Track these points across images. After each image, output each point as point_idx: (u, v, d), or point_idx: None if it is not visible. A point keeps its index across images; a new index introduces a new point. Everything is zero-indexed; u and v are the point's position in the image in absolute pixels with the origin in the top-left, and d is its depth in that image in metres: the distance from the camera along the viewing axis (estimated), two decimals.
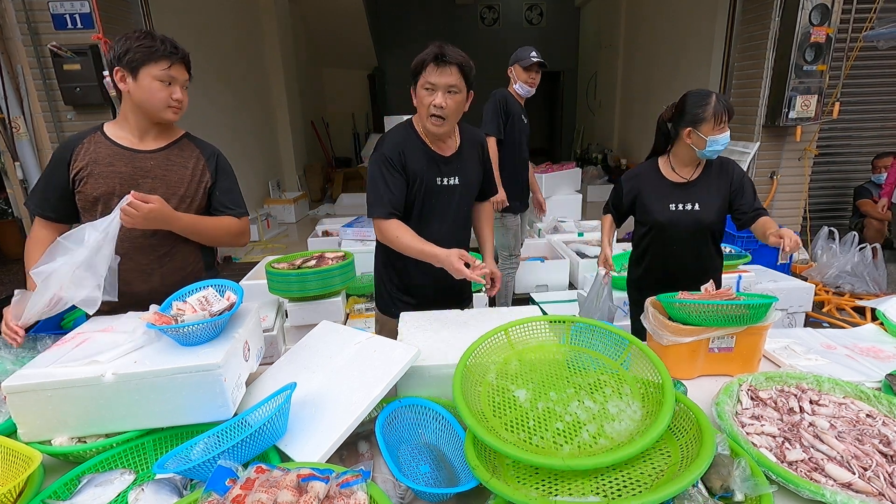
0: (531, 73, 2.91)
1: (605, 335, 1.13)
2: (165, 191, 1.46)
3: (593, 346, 1.13)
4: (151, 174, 1.46)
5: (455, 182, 1.61)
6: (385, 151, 1.54)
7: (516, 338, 1.18)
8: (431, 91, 1.45)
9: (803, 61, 3.99)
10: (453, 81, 1.43)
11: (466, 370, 1.04)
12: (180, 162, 1.51)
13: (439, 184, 1.59)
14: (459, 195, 1.63)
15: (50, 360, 1.06)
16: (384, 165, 1.53)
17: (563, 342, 1.17)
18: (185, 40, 1.65)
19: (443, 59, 1.41)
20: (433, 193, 1.59)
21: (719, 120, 1.62)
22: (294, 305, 2.61)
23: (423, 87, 1.46)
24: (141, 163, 1.45)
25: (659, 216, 1.79)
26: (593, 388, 1.02)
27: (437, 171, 1.58)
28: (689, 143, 1.72)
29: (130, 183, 1.43)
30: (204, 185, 1.53)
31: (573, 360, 1.12)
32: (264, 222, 5.95)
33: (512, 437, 0.90)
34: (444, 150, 1.59)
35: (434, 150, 1.57)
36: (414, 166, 1.54)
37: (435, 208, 1.61)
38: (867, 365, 1.34)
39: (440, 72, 1.42)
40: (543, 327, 1.20)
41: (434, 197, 1.59)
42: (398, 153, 1.53)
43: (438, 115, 1.47)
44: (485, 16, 11.17)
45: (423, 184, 1.56)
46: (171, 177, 1.48)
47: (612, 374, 1.06)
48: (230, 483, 0.77)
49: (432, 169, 1.57)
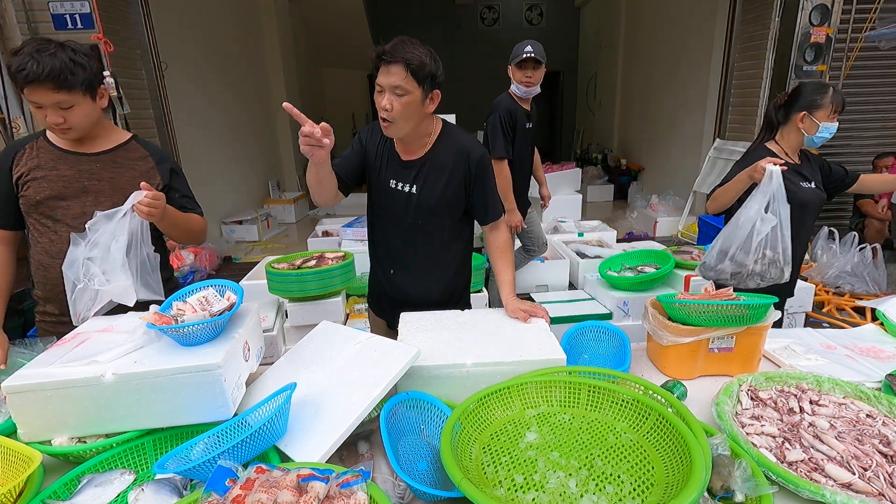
0: (526, 72, 2.63)
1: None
2: (113, 193, 1.45)
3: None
4: (97, 176, 1.44)
5: (410, 190, 1.49)
6: (361, 131, 1.56)
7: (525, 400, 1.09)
8: (380, 92, 1.33)
9: (803, 61, 4.00)
10: (397, 82, 1.29)
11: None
12: (127, 164, 1.49)
13: (392, 186, 1.51)
14: (416, 206, 1.50)
15: (50, 360, 1.06)
16: (356, 143, 1.54)
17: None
18: (185, 40, 1.65)
19: (384, 59, 1.29)
20: (384, 193, 1.53)
21: (834, 109, 1.74)
22: (294, 305, 2.61)
23: (376, 89, 1.35)
24: (86, 165, 1.44)
25: (796, 194, 1.77)
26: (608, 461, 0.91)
27: (394, 174, 1.50)
28: (800, 128, 1.79)
29: (76, 186, 1.42)
30: (155, 185, 1.51)
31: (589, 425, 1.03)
32: (264, 222, 5.95)
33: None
34: (406, 154, 1.49)
35: (396, 150, 1.50)
36: (373, 159, 1.52)
37: (384, 210, 1.56)
38: (867, 365, 1.34)
39: (385, 71, 1.30)
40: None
41: (385, 197, 1.53)
42: (367, 134, 1.53)
43: (385, 119, 1.35)
44: (485, 16, 11.17)
45: (378, 180, 1.53)
46: (119, 179, 1.46)
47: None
48: (230, 483, 0.77)
49: (390, 169, 1.50)
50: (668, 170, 6.56)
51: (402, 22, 10.82)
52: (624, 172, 7.66)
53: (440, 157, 1.48)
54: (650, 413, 0.97)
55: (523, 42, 2.67)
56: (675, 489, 0.78)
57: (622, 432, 0.98)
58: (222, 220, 5.71)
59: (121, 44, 3.72)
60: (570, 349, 1.42)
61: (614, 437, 0.97)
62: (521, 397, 1.08)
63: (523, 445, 0.97)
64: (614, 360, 1.42)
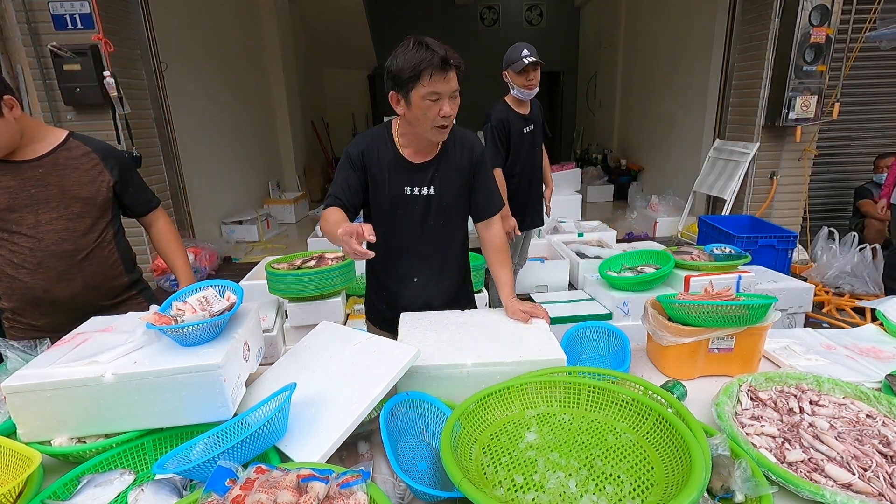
0: (527, 75, 2.66)
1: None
2: (62, 196, 1.43)
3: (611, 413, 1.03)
4: (43, 181, 1.41)
5: (429, 192, 1.47)
6: (350, 148, 1.46)
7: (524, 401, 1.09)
8: (437, 100, 1.29)
9: (803, 62, 4.00)
10: (456, 85, 1.30)
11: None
12: (70, 164, 1.45)
13: (408, 193, 1.46)
14: (437, 207, 1.49)
15: (49, 360, 1.06)
16: (346, 161, 1.46)
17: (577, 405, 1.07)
18: (184, 40, 1.64)
19: (448, 65, 1.26)
20: (401, 203, 1.47)
21: None
22: (294, 306, 2.61)
23: (425, 98, 1.28)
24: (28, 173, 1.40)
25: None
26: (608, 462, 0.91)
27: (406, 180, 1.46)
28: None
29: (24, 195, 1.39)
30: (105, 183, 1.49)
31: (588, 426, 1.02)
32: (264, 223, 5.95)
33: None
34: (417, 157, 1.46)
35: (404, 156, 1.45)
36: (377, 171, 1.45)
37: (403, 219, 1.49)
38: (867, 365, 1.34)
39: (442, 78, 1.27)
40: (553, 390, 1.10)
41: (402, 207, 1.47)
42: (360, 153, 1.44)
43: (445, 125, 1.34)
44: (485, 16, 11.16)
45: (390, 192, 1.46)
46: (66, 181, 1.43)
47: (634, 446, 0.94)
48: (230, 483, 0.77)
49: (400, 177, 1.45)
50: (667, 170, 6.56)
51: (402, 22, 10.81)
52: (624, 173, 7.67)
53: (451, 154, 1.48)
54: (650, 413, 0.97)
55: (517, 47, 2.68)
56: (675, 489, 0.78)
57: (622, 432, 0.98)
58: (222, 221, 5.71)
59: (121, 44, 3.73)
60: (570, 349, 1.42)
61: (614, 437, 0.97)
62: (521, 398, 1.08)
63: (523, 446, 0.97)
64: (614, 360, 1.42)
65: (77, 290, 1.49)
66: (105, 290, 1.56)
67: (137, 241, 1.71)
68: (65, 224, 1.44)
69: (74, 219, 1.46)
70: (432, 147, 1.46)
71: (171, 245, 1.70)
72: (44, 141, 1.45)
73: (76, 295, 1.49)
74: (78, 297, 1.49)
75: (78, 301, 1.49)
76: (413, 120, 1.35)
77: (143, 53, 4.08)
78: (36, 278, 1.44)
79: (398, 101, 1.35)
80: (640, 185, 7.19)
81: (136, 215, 1.66)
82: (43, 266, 1.43)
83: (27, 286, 1.44)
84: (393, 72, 1.30)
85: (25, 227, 1.40)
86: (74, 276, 1.48)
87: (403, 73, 1.27)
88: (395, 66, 1.29)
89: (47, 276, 1.44)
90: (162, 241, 1.70)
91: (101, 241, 1.52)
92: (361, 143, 1.46)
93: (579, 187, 5.88)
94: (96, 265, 1.52)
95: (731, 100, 4.81)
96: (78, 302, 1.49)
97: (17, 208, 1.39)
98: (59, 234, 1.44)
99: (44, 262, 1.43)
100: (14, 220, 1.40)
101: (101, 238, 1.52)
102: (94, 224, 1.50)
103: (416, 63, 1.25)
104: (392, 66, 1.30)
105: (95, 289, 1.53)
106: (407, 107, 1.33)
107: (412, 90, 1.29)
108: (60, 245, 1.44)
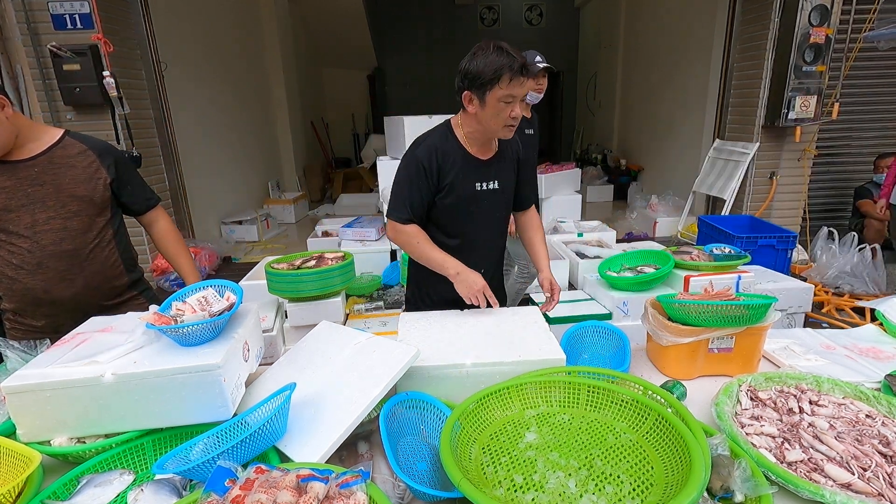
0: (538, 80, 2.71)
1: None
2: (59, 195, 1.42)
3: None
4: (39, 180, 1.40)
5: (495, 186, 1.58)
6: (419, 155, 1.49)
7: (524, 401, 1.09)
8: (510, 103, 1.38)
9: (803, 62, 4.00)
10: (528, 89, 1.43)
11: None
12: (66, 162, 1.45)
13: (479, 189, 1.55)
14: (500, 200, 1.62)
15: (49, 360, 1.06)
16: (415, 170, 1.49)
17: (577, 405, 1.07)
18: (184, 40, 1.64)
19: (526, 71, 1.35)
20: (473, 199, 1.55)
21: None
22: (294, 306, 2.60)
23: (500, 100, 1.36)
24: (24, 172, 1.39)
25: None
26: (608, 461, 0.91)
27: (477, 176, 1.54)
28: None
29: (20, 195, 1.38)
30: (102, 181, 1.49)
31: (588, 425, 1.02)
32: (264, 222, 5.95)
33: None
34: (483, 153, 1.56)
35: (473, 154, 1.53)
36: (451, 173, 1.50)
37: (475, 214, 1.58)
38: (866, 365, 1.34)
39: (519, 82, 1.36)
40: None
41: (474, 203, 1.56)
42: (434, 159, 1.48)
43: (514, 125, 1.45)
44: (485, 16, 11.16)
45: (462, 190, 1.53)
46: (62, 180, 1.43)
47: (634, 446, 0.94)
48: (230, 483, 0.77)
49: (471, 174, 1.53)
50: (667, 170, 6.56)
51: (402, 22, 10.82)
52: (624, 173, 7.66)
53: (505, 150, 1.61)
54: (650, 413, 0.97)
55: (530, 52, 2.69)
56: (675, 489, 0.78)
57: (622, 432, 0.98)
58: (222, 220, 5.70)
59: (120, 44, 3.72)
60: (570, 349, 1.42)
61: (614, 437, 0.97)
62: (521, 397, 1.08)
63: (523, 446, 0.97)
64: (614, 360, 1.42)
65: (78, 290, 1.48)
66: (106, 291, 1.56)
67: (138, 241, 1.70)
68: (62, 223, 1.43)
69: (72, 217, 1.45)
70: (494, 144, 1.57)
71: (175, 245, 1.69)
72: (39, 140, 1.44)
73: (77, 295, 1.49)
74: (79, 297, 1.49)
75: (79, 301, 1.49)
76: (484, 119, 1.43)
77: (142, 53, 4.08)
78: (36, 279, 1.43)
79: (471, 100, 1.42)
80: (640, 185, 7.19)
81: (136, 213, 1.65)
82: (43, 266, 1.42)
83: (27, 287, 1.44)
84: (471, 72, 1.37)
85: (22, 227, 1.40)
86: (75, 277, 1.47)
87: (484, 75, 1.34)
88: (473, 67, 1.36)
89: (47, 276, 1.44)
90: (164, 242, 1.69)
91: (100, 241, 1.51)
92: (432, 149, 1.50)
93: (579, 187, 5.86)
94: (97, 265, 1.51)
95: (731, 100, 4.81)
96: (79, 302, 1.49)
97: (14, 208, 1.38)
98: (57, 233, 1.43)
99: (43, 261, 1.42)
100: (11, 221, 1.39)
101: (100, 237, 1.51)
102: (91, 223, 1.49)
103: (498, 67, 1.32)
104: (470, 68, 1.37)
105: (96, 289, 1.53)
106: (480, 106, 1.41)
107: (489, 91, 1.36)
108: (59, 245, 1.43)
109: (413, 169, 1.49)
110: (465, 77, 1.39)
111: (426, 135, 1.56)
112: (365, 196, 7.25)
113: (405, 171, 1.52)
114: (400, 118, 3.50)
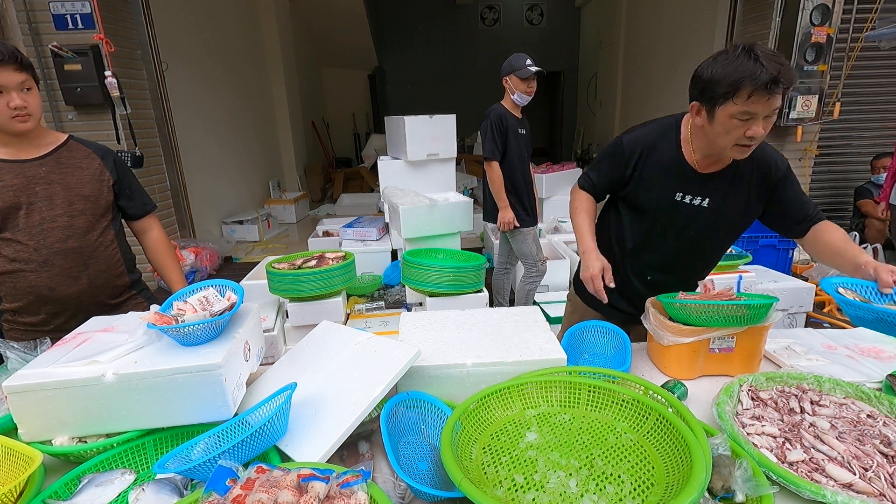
0: (529, 83, 2.88)
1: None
2: (66, 194, 1.44)
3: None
4: (47, 179, 1.43)
5: (701, 203, 1.37)
6: (626, 141, 1.37)
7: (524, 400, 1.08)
8: (748, 120, 1.13)
9: (804, 61, 3.99)
10: (777, 105, 1.11)
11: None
12: (73, 162, 1.48)
13: (678, 200, 1.37)
14: (703, 221, 1.39)
15: (50, 360, 1.06)
16: (616, 151, 1.38)
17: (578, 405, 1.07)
18: (185, 40, 1.65)
19: (777, 86, 1.07)
20: (666, 208, 1.39)
21: None
22: (294, 305, 2.60)
23: (734, 117, 1.13)
24: (32, 171, 1.42)
25: None
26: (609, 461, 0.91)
27: (681, 186, 1.36)
28: None
29: (28, 193, 1.40)
30: (106, 182, 1.52)
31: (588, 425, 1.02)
32: (265, 222, 5.95)
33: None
34: (702, 166, 1.34)
35: (688, 161, 1.34)
36: (651, 168, 1.36)
37: (666, 226, 1.42)
38: (868, 365, 1.34)
39: (768, 99, 1.09)
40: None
41: (666, 212, 1.39)
42: (636, 149, 1.36)
43: (750, 146, 1.19)
44: (485, 16, 11.16)
45: (659, 193, 1.38)
46: (69, 179, 1.46)
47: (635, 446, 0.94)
48: (230, 483, 0.77)
49: (676, 181, 1.36)
50: None
51: (403, 22, 10.83)
52: None
53: (743, 169, 1.34)
54: (650, 413, 0.96)
55: (519, 56, 2.88)
56: (676, 489, 0.78)
57: (622, 432, 0.98)
58: (223, 220, 5.71)
59: (121, 44, 3.73)
60: (571, 349, 1.42)
61: (614, 436, 0.97)
62: (522, 397, 1.08)
63: (523, 445, 0.97)
64: (614, 360, 1.42)
65: (82, 287, 1.50)
66: (108, 289, 1.58)
67: (135, 241, 1.72)
68: (67, 221, 1.45)
69: (77, 216, 1.47)
70: (726, 159, 1.32)
71: (166, 257, 1.71)
72: (45, 141, 1.48)
73: (81, 293, 1.50)
74: (83, 295, 1.50)
75: (83, 299, 1.51)
76: (711, 134, 1.22)
77: (143, 53, 4.08)
78: (41, 276, 1.44)
79: (699, 111, 1.22)
80: None
81: (132, 218, 1.67)
82: (48, 263, 1.44)
83: (32, 284, 1.45)
84: (704, 80, 1.15)
85: (30, 224, 1.42)
86: (80, 275, 1.49)
87: (718, 87, 1.12)
88: (708, 74, 1.14)
89: (52, 273, 1.45)
90: (156, 252, 1.71)
91: (103, 241, 1.54)
92: (642, 140, 1.37)
93: None
94: (101, 263, 1.53)
95: None
96: (83, 300, 1.51)
97: (22, 206, 1.40)
98: (63, 231, 1.45)
99: (49, 259, 1.44)
100: (20, 218, 1.41)
101: (103, 237, 1.54)
102: (96, 223, 1.51)
103: (739, 77, 1.08)
104: (704, 74, 1.16)
105: (99, 288, 1.54)
106: (708, 120, 1.20)
107: (720, 105, 1.14)
108: (65, 242, 1.45)
109: (616, 149, 1.40)
110: (697, 84, 1.17)
111: (651, 126, 1.40)
112: (366, 196, 7.25)
113: (610, 150, 1.44)
114: (401, 118, 3.50)
